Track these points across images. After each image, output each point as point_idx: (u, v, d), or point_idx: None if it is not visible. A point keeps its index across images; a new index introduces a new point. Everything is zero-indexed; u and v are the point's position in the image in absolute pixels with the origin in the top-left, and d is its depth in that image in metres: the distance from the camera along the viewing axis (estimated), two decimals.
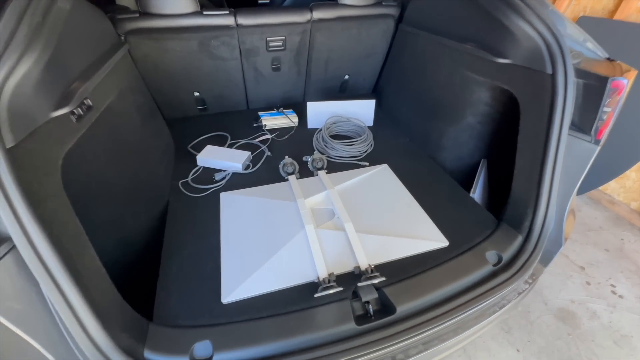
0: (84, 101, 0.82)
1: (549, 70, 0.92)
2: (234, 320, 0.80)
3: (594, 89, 0.88)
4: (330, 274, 0.88)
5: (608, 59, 0.95)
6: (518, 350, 1.61)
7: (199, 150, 1.38)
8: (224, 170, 1.31)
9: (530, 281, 0.98)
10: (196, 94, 1.62)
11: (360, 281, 0.86)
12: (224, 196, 1.18)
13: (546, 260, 1.02)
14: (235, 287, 0.86)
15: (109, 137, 0.96)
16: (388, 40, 1.75)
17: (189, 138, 1.51)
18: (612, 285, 1.95)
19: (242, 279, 0.88)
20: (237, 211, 1.11)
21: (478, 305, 0.87)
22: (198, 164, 1.34)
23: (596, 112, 0.88)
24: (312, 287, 0.87)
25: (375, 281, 0.83)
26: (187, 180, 1.26)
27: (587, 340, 1.66)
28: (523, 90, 1.01)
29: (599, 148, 0.90)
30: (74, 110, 0.77)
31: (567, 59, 0.88)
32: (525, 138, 1.02)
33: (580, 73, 0.90)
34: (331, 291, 0.80)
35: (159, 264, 0.95)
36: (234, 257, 0.95)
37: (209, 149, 1.39)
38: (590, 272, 2.03)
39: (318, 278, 0.87)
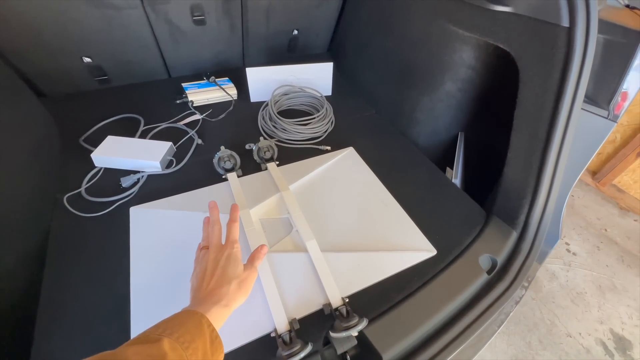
0: None
1: (565, 22, 0.68)
2: None
3: (618, 47, 0.67)
4: (292, 322, 0.64)
5: (628, 6, 0.73)
6: None
7: (98, 144, 0.98)
8: (136, 172, 0.94)
9: (526, 284, 0.84)
10: (87, 59, 1.15)
11: (333, 328, 0.63)
12: (135, 212, 0.84)
13: (541, 257, 0.88)
14: None
15: None
16: None
17: (84, 124, 1.08)
18: (567, 244, 2.02)
19: None
20: (154, 235, 0.79)
21: (478, 329, 0.71)
22: (95, 164, 0.96)
23: (618, 80, 0.68)
24: (268, 343, 0.63)
25: (355, 332, 0.61)
26: (79, 192, 0.88)
27: (549, 303, 1.70)
28: (525, 50, 0.77)
29: (615, 125, 0.71)
30: None
31: (592, 6, 0.65)
32: (524, 112, 0.81)
33: (602, 25, 0.68)
34: (296, 358, 0.57)
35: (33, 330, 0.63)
36: (151, 314, 0.65)
37: (111, 141, 0.99)
38: None
39: (275, 331, 0.63)
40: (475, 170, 1.14)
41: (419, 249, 0.80)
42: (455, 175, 1.05)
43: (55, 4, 0.96)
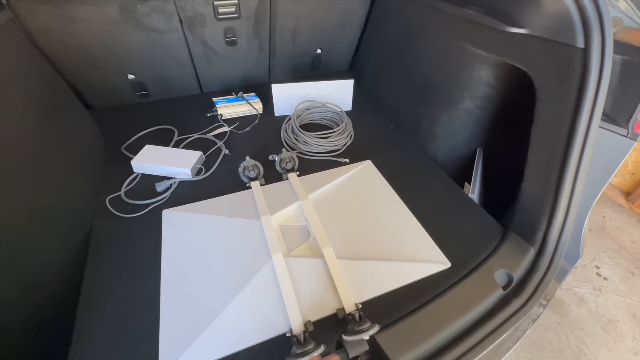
0: None
1: (581, 44, 0.70)
2: None
3: (636, 67, 0.68)
4: (307, 323, 0.67)
5: None
6: None
7: (137, 152, 1.08)
8: (169, 178, 1.03)
9: (544, 302, 0.83)
10: (131, 76, 1.28)
11: (346, 331, 0.66)
12: (167, 215, 0.92)
13: (561, 276, 0.87)
14: (179, 354, 0.63)
15: None
16: (366, 5, 1.46)
17: (126, 134, 1.20)
18: (597, 267, 1.91)
19: (188, 340, 0.65)
20: (183, 236, 0.86)
21: (490, 345, 0.70)
22: (134, 170, 1.05)
23: (637, 99, 0.68)
24: (283, 342, 0.67)
25: (366, 336, 0.63)
26: (119, 195, 0.98)
27: (576, 329, 1.62)
28: (541, 69, 0.79)
29: (635, 144, 0.71)
30: None
31: (606, 28, 0.66)
32: (541, 129, 0.82)
33: (619, 46, 0.70)
34: (307, 358, 0.60)
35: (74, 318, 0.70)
36: (178, 308, 0.71)
37: (149, 149, 1.09)
38: None
39: (291, 331, 0.66)
40: (494, 186, 1.14)
41: (432, 260, 0.82)
42: (473, 191, 1.05)
43: (109, 28, 1.09)
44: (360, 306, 0.71)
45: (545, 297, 0.84)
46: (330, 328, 0.69)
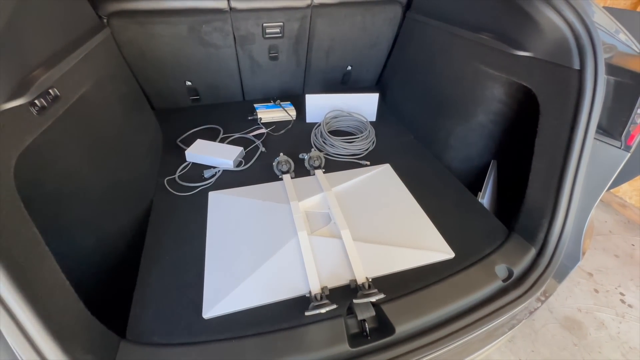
0: (50, 91, 0.73)
1: (576, 66, 0.81)
2: (215, 338, 0.72)
3: (627, 87, 0.77)
4: (324, 288, 0.80)
5: None
6: None
7: (189, 145, 1.29)
8: (214, 167, 1.22)
9: (542, 298, 0.89)
10: (188, 83, 1.52)
11: (356, 297, 0.77)
12: (213, 196, 1.09)
13: (561, 276, 0.93)
14: (218, 301, 0.78)
15: (82, 131, 0.87)
16: (394, 29, 1.63)
17: (180, 130, 1.42)
18: (622, 294, 1.87)
19: (226, 291, 0.80)
20: (225, 213, 1.02)
21: (485, 326, 0.79)
22: (187, 159, 1.25)
23: (628, 115, 0.77)
24: (303, 301, 0.79)
25: (373, 299, 0.75)
26: (174, 177, 1.17)
27: (594, 352, 1.59)
28: (544, 87, 0.90)
29: (628, 155, 0.79)
30: (35, 102, 0.67)
31: (598, 53, 0.77)
32: (544, 140, 0.92)
33: (612, 69, 0.80)
34: (323, 310, 0.72)
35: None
36: (219, 266, 0.86)
37: (199, 143, 1.30)
38: (598, 278, 1.95)
39: (310, 292, 0.79)
40: (507, 195, 1.22)
41: (438, 250, 0.92)
42: (483, 196, 1.14)
43: (178, 43, 1.33)
44: (371, 279, 0.82)
45: (544, 294, 0.91)
46: (344, 296, 0.81)
